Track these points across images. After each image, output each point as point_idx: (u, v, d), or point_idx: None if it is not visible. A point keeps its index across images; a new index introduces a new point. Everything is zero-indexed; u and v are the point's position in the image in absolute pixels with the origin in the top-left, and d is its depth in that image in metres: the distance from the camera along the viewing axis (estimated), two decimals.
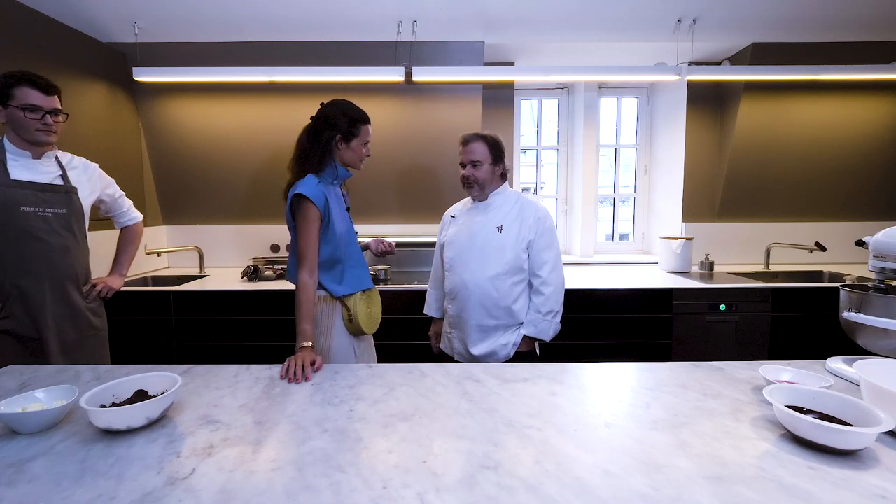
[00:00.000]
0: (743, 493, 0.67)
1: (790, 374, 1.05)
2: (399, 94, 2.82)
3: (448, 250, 1.77)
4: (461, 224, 1.78)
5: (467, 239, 1.72)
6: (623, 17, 2.58)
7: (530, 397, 1.03)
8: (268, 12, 2.50)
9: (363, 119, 1.52)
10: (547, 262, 1.68)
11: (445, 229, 1.85)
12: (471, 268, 1.69)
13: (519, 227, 1.69)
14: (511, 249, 1.67)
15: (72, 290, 1.59)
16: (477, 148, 1.68)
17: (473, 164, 1.68)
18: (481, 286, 1.66)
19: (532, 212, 1.70)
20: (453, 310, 1.75)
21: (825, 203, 3.12)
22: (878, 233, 1.20)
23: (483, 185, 1.71)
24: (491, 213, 1.72)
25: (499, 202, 1.74)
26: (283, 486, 0.70)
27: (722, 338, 2.46)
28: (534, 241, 1.68)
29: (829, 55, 2.77)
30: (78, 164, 1.68)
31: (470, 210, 1.78)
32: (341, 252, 1.49)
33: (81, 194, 1.63)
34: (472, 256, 1.69)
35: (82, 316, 1.63)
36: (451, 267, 1.75)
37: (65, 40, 2.35)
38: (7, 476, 0.73)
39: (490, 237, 1.69)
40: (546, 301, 1.67)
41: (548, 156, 3.56)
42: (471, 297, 1.68)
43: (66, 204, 1.57)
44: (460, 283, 1.71)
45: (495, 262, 1.66)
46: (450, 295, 1.76)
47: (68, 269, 1.58)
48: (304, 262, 1.38)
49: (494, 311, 1.67)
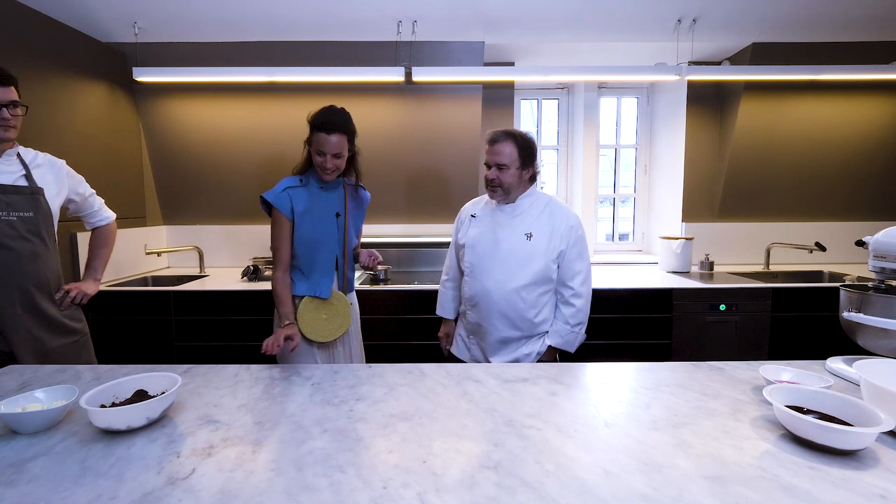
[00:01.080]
0: (743, 493, 0.67)
1: (790, 374, 1.05)
2: (399, 94, 2.82)
3: (469, 254, 1.64)
4: (484, 226, 1.64)
5: (492, 244, 1.60)
6: (623, 17, 2.58)
7: (530, 397, 1.03)
8: (268, 12, 2.50)
9: (318, 125, 1.44)
10: (579, 273, 1.59)
11: (465, 228, 1.70)
12: (495, 276, 1.57)
13: (550, 235, 1.58)
14: (540, 259, 1.56)
15: (43, 299, 1.48)
16: (505, 149, 1.52)
17: (499, 168, 1.54)
18: (506, 297, 1.56)
19: (563, 219, 1.60)
20: (473, 317, 1.65)
21: (825, 203, 3.12)
22: (878, 233, 1.20)
23: (508, 191, 1.58)
24: (519, 219, 1.60)
25: (527, 206, 1.61)
26: (283, 486, 0.70)
27: (722, 338, 2.46)
28: (566, 251, 1.58)
29: (829, 55, 2.77)
30: (43, 161, 1.54)
31: (494, 212, 1.64)
32: (303, 256, 1.51)
33: (48, 195, 1.50)
34: (497, 264, 1.58)
35: (58, 324, 1.52)
36: (472, 272, 1.63)
37: (65, 40, 2.35)
38: (7, 476, 0.73)
39: (518, 245, 1.57)
40: (577, 313, 1.59)
41: (548, 156, 3.56)
42: (494, 306, 1.57)
43: (33, 206, 1.45)
44: (482, 292, 1.59)
45: (523, 273, 1.55)
46: (469, 301, 1.65)
47: (38, 277, 1.47)
48: (276, 262, 1.51)
49: (519, 323, 1.58)
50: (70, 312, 1.58)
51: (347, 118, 1.48)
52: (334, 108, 1.47)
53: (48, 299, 1.51)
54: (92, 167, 2.45)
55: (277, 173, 2.91)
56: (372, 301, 2.38)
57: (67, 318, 1.56)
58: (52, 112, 2.26)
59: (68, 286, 1.59)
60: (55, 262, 1.55)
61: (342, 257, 1.56)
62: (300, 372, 1.20)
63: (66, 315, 1.56)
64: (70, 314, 1.58)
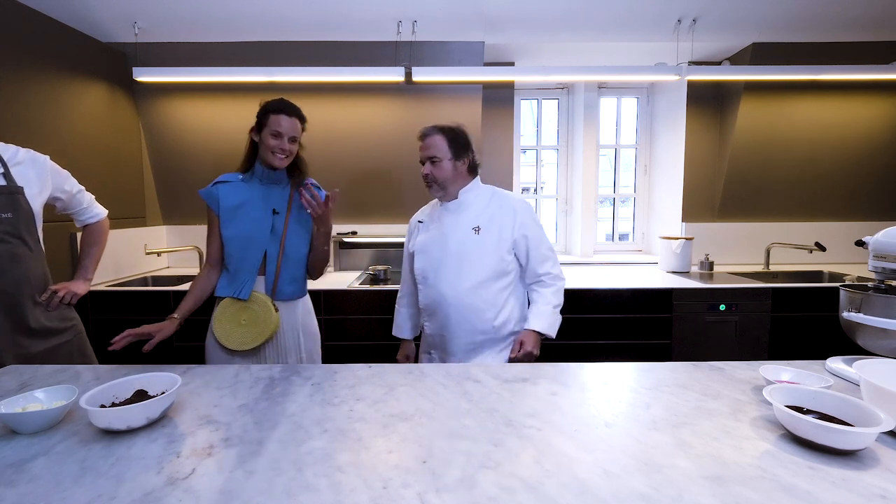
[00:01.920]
0: (743, 493, 0.67)
1: (790, 374, 1.05)
2: (399, 94, 2.82)
3: (420, 260, 1.58)
4: (432, 229, 1.59)
5: (440, 245, 1.54)
6: (623, 17, 2.58)
7: (530, 397, 1.03)
8: (268, 12, 2.50)
9: (273, 108, 1.42)
10: (549, 258, 1.56)
11: (413, 237, 1.65)
12: (448, 278, 1.51)
13: (499, 226, 1.52)
14: (492, 252, 1.51)
15: (27, 302, 1.44)
16: (434, 142, 1.50)
17: (432, 162, 1.50)
18: (462, 298, 1.49)
19: (510, 207, 1.54)
20: (432, 328, 1.57)
21: (825, 203, 3.12)
22: (878, 233, 1.20)
23: (444, 185, 1.52)
24: (464, 214, 1.55)
25: (471, 200, 1.56)
26: (283, 486, 0.70)
27: (722, 338, 2.46)
28: (528, 236, 1.53)
29: (829, 55, 2.77)
30: (24, 158, 1.46)
31: (440, 212, 1.59)
32: (232, 253, 1.48)
33: (29, 193, 1.44)
34: (449, 265, 1.52)
35: (40, 328, 1.47)
36: (424, 279, 1.57)
37: (65, 40, 2.35)
38: (7, 476, 0.73)
39: (467, 241, 1.51)
40: (557, 292, 1.55)
41: (548, 156, 3.56)
42: (451, 311, 1.51)
43: (12, 207, 1.39)
44: (438, 297, 1.52)
45: (476, 269, 1.50)
46: (426, 311, 1.58)
47: (20, 280, 1.42)
48: (206, 256, 1.53)
49: (480, 325, 1.50)
50: (59, 313, 1.54)
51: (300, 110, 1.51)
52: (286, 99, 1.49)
53: (30, 302, 1.45)
54: (92, 167, 2.46)
55: None
56: (371, 300, 2.38)
57: (54, 320, 1.52)
58: (52, 112, 2.26)
59: (56, 286, 1.54)
60: (40, 264, 1.51)
61: (276, 259, 1.48)
62: (300, 372, 1.20)
63: (52, 317, 1.51)
64: (59, 315, 1.54)
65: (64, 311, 1.57)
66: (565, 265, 3.17)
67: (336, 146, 2.85)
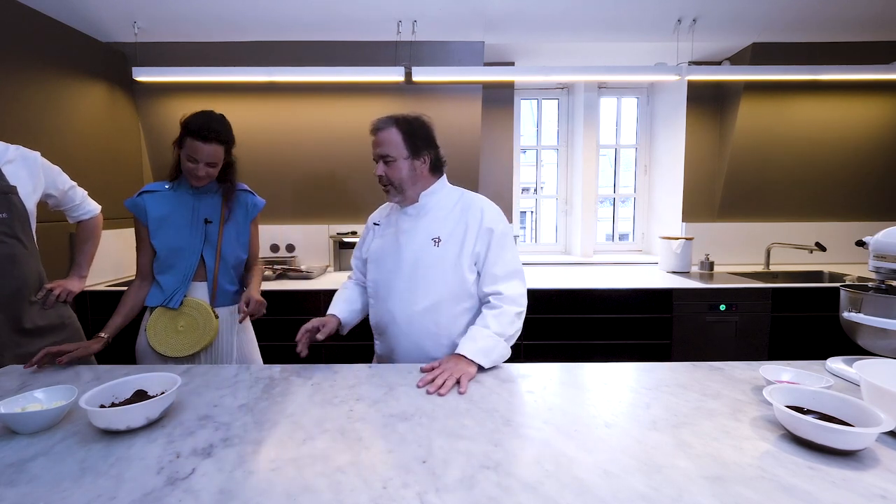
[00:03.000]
0: (743, 493, 0.67)
1: (790, 374, 1.05)
2: (399, 94, 2.82)
3: (372, 270, 1.37)
4: (387, 235, 1.36)
5: (394, 256, 1.31)
6: (623, 16, 2.58)
7: (530, 397, 1.03)
8: (268, 12, 2.50)
9: (192, 132, 1.34)
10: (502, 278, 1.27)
11: (368, 240, 1.43)
12: (401, 296, 1.28)
13: (462, 236, 1.28)
14: (452, 269, 1.26)
15: (23, 303, 1.43)
16: (387, 137, 1.25)
17: (385, 161, 1.26)
18: (415, 321, 1.27)
19: (477, 216, 1.29)
20: (382, 348, 1.39)
21: (825, 203, 3.12)
22: (878, 233, 1.20)
23: (401, 187, 1.28)
24: (424, 221, 1.31)
25: (433, 205, 1.32)
26: (283, 486, 0.70)
27: (722, 338, 2.46)
28: (489, 250, 1.27)
29: (829, 55, 2.77)
30: (15, 156, 1.43)
31: (398, 216, 1.35)
32: (163, 262, 1.45)
33: (23, 192, 1.42)
34: (401, 280, 1.29)
35: (36, 328, 1.47)
36: (375, 293, 1.35)
37: (65, 40, 2.35)
38: (7, 476, 0.73)
39: (422, 254, 1.28)
40: (500, 317, 1.23)
41: (548, 156, 3.56)
42: (401, 334, 1.29)
43: (6, 206, 1.37)
44: (388, 317, 1.31)
45: (432, 288, 1.26)
46: (376, 329, 1.39)
47: (19, 280, 1.42)
48: (136, 268, 1.49)
49: (436, 351, 1.28)
50: (55, 311, 1.54)
51: (227, 127, 1.43)
52: (213, 115, 1.40)
53: (26, 302, 1.45)
54: (92, 167, 2.46)
55: (276, 173, 2.93)
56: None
57: (49, 318, 1.51)
58: (52, 112, 2.26)
59: (51, 284, 1.54)
60: (35, 263, 1.50)
61: (214, 268, 1.47)
62: (300, 372, 1.20)
63: (48, 315, 1.51)
64: (56, 313, 1.54)
65: (60, 308, 1.57)
66: (565, 265, 3.17)
67: (336, 146, 2.85)
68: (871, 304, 1.11)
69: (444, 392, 1.04)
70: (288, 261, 2.99)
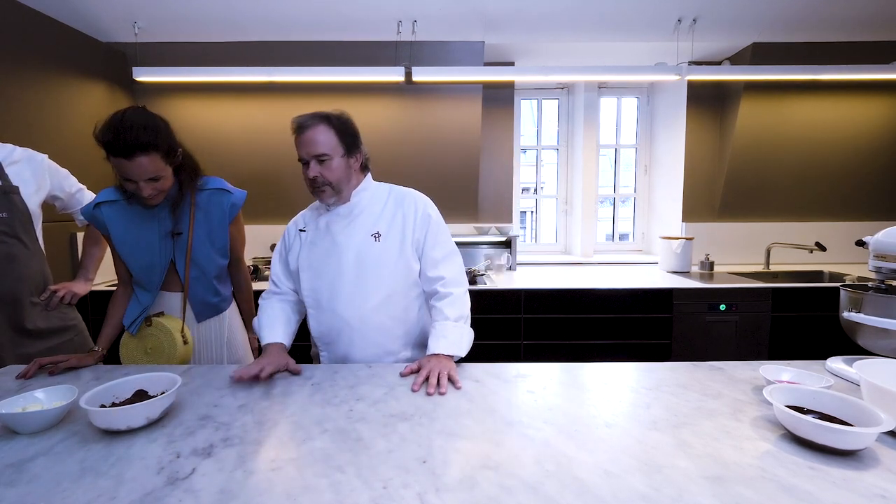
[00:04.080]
0: (743, 493, 0.67)
1: (790, 374, 1.05)
2: (399, 94, 2.82)
3: (307, 279, 1.30)
4: (319, 240, 1.31)
5: (333, 259, 1.27)
6: (623, 16, 2.58)
7: (530, 397, 1.03)
8: (268, 12, 2.50)
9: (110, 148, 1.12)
10: (440, 261, 1.31)
11: (295, 250, 1.34)
12: (348, 298, 1.26)
13: (402, 229, 1.29)
14: (396, 260, 1.27)
15: (24, 302, 1.43)
16: (319, 136, 1.20)
17: (320, 160, 1.21)
18: (368, 320, 1.26)
19: (411, 206, 1.31)
20: (330, 358, 1.33)
21: (825, 203, 3.12)
22: (878, 233, 1.20)
23: (338, 187, 1.25)
24: (360, 219, 1.29)
25: (366, 202, 1.31)
26: (283, 486, 0.70)
27: (722, 338, 2.46)
28: (426, 236, 1.30)
29: (829, 55, 2.77)
30: (20, 157, 1.45)
31: (328, 218, 1.30)
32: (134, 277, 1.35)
33: (25, 192, 1.43)
34: (346, 282, 1.26)
35: (38, 329, 1.46)
36: (317, 303, 1.29)
37: (65, 40, 2.35)
38: (7, 476, 0.73)
39: (366, 250, 1.26)
40: (453, 303, 1.27)
41: (548, 156, 3.56)
42: (357, 336, 1.27)
43: (7, 206, 1.38)
44: (339, 323, 1.27)
45: (380, 284, 1.26)
46: (322, 340, 1.32)
47: (18, 280, 1.41)
48: (117, 276, 1.39)
49: (391, 346, 1.30)
50: (59, 313, 1.54)
51: (150, 126, 1.15)
52: (125, 120, 1.11)
53: (28, 302, 1.45)
54: (92, 167, 2.45)
55: (277, 174, 2.93)
56: None
57: (54, 320, 1.51)
58: (52, 112, 2.26)
59: (56, 286, 1.54)
60: (38, 263, 1.50)
61: (186, 279, 1.33)
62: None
63: (52, 317, 1.51)
64: (59, 315, 1.54)
65: (64, 311, 1.57)
66: (565, 265, 3.17)
67: None
68: (872, 303, 1.11)
69: (444, 390, 1.05)
70: None
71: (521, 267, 3.09)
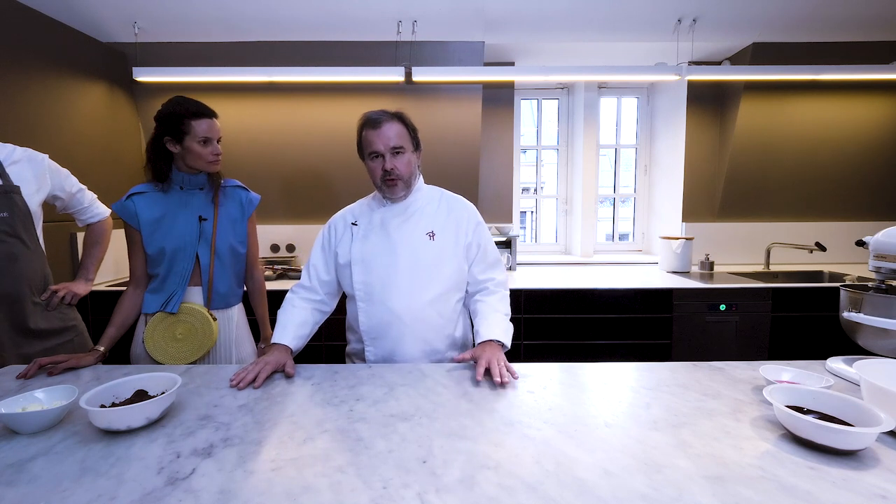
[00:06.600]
0: (743, 493, 0.67)
1: (790, 374, 1.05)
2: (399, 94, 2.82)
3: (359, 273, 1.31)
4: (374, 234, 1.33)
5: (389, 254, 1.30)
6: (623, 16, 2.58)
7: (530, 397, 1.03)
8: (268, 12, 2.50)
9: (191, 113, 1.34)
10: (495, 265, 1.40)
11: (346, 242, 1.35)
12: (403, 292, 1.28)
13: (455, 231, 1.34)
14: (450, 261, 1.32)
15: (25, 302, 1.43)
16: (395, 130, 1.26)
17: (395, 153, 1.26)
18: (420, 315, 1.28)
19: (464, 211, 1.38)
20: (376, 354, 1.32)
21: (825, 203, 3.12)
22: (878, 233, 1.20)
23: (409, 181, 1.31)
24: (415, 217, 1.33)
25: (421, 201, 1.36)
26: (283, 486, 0.70)
27: (722, 338, 2.46)
28: (480, 244, 1.37)
29: (829, 55, 2.77)
30: (21, 157, 1.46)
31: (382, 215, 1.34)
32: (158, 266, 1.39)
33: (26, 192, 1.44)
34: (402, 276, 1.28)
35: (39, 329, 1.47)
36: (369, 296, 1.31)
37: (65, 40, 2.35)
38: (7, 476, 0.73)
39: (421, 248, 1.30)
40: (503, 300, 1.36)
41: (548, 156, 3.56)
42: (407, 331, 1.28)
43: (7, 206, 1.39)
44: (390, 316, 1.28)
45: (435, 281, 1.30)
46: (371, 334, 1.32)
47: (18, 279, 1.42)
48: (130, 274, 1.44)
49: (437, 344, 1.32)
50: (59, 313, 1.54)
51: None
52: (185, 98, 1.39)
53: (29, 302, 1.45)
54: (91, 167, 2.46)
55: (277, 173, 2.93)
56: None
57: (55, 320, 1.52)
58: (52, 112, 2.26)
59: (56, 286, 1.54)
60: (39, 263, 1.50)
61: (209, 267, 1.41)
62: (300, 372, 1.20)
63: (52, 317, 1.51)
64: (59, 315, 1.54)
65: (65, 311, 1.57)
66: (565, 265, 3.18)
67: (337, 146, 2.85)
68: (871, 303, 1.11)
69: (508, 380, 1.09)
70: (288, 261, 2.99)
71: (521, 267, 3.09)
